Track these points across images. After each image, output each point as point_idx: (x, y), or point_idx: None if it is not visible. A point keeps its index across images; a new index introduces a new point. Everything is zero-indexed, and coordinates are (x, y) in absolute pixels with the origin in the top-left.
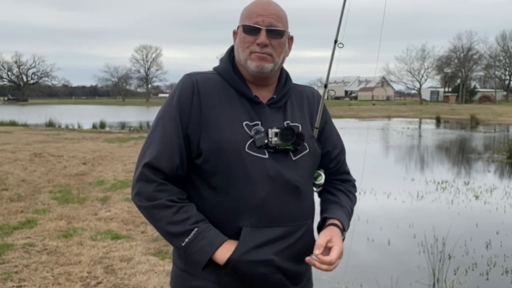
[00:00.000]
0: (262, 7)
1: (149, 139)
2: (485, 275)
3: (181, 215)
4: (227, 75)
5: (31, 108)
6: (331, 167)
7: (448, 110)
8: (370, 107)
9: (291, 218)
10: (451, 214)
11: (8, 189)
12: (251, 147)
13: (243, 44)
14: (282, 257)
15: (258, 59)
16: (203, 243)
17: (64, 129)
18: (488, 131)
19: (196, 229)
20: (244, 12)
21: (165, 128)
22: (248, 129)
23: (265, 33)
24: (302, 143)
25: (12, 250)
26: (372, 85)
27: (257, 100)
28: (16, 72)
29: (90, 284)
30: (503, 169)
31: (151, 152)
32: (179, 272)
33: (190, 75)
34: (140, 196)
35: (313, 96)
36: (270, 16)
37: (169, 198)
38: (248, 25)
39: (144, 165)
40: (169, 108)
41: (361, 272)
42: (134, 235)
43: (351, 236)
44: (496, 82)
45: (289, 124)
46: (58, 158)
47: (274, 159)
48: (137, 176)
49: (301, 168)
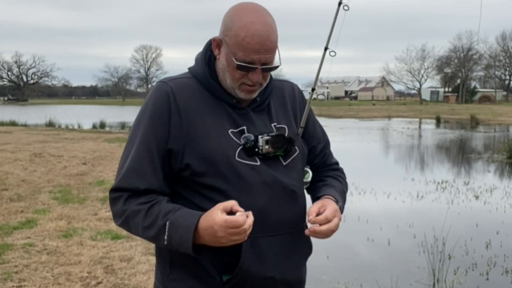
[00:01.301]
0: (259, 42)
1: (123, 157)
2: (485, 275)
3: (150, 215)
4: (204, 80)
5: (31, 108)
6: (317, 162)
7: (448, 110)
8: (370, 107)
9: (291, 224)
10: (451, 214)
11: (8, 189)
12: (241, 156)
13: (233, 73)
14: (284, 269)
15: (248, 92)
16: (180, 232)
17: (64, 129)
18: (488, 131)
19: (168, 221)
20: (238, 35)
21: (138, 145)
22: (235, 137)
23: (261, 71)
24: (293, 148)
25: (12, 250)
26: (372, 85)
27: (239, 106)
28: (16, 72)
29: (90, 284)
30: (503, 169)
31: (120, 173)
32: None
33: (164, 82)
34: (115, 218)
35: (293, 91)
36: (267, 52)
37: (137, 202)
38: (243, 65)
39: (110, 191)
40: (143, 122)
41: (361, 272)
42: (134, 235)
43: (351, 236)
44: (496, 82)
45: (275, 126)
46: (58, 158)
47: (267, 165)
48: (109, 201)
49: (293, 171)
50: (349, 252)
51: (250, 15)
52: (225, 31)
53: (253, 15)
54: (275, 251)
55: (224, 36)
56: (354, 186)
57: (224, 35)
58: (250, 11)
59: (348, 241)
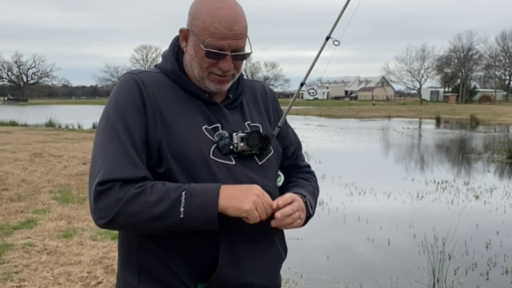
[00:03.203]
0: (228, 26)
1: (99, 151)
2: (485, 275)
3: (158, 192)
4: (174, 75)
5: (31, 108)
6: (288, 164)
7: (448, 110)
8: (370, 107)
9: (266, 226)
10: (451, 214)
11: (8, 189)
12: (215, 154)
13: (201, 62)
14: (262, 274)
15: (218, 82)
16: (201, 200)
17: (64, 129)
18: (488, 131)
19: (184, 192)
20: (205, 21)
21: (119, 135)
22: (209, 134)
23: (231, 58)
24: (269, 146)
25: (12, 250)
26: (372, 85)
27: (212, 101)
28: (16, 72)
29: (90, 284)
30: (503, 169)
31: (102, 166)
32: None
33: (132, 73)
34: (104, 212)
35: (264, 91)
36: (236, 37)
37: (135, 187)
38: (211, 51)
39: (97, 184)
40: (119, 112)
41: (361, 272)
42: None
43: (351, 236)
44: (496, 82)
45: (249, 124)
46: (58, 158)
47: (242, 164)
48: (92, 198)
49: (269, 172)
50: (349, 252)
51: (216, 2)
52: (192, 20)
53: (220, 2)
54: (252, 256)
55: (191, 26)
56: (354, 186)
57: (191, 25)
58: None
59: (348, 241)
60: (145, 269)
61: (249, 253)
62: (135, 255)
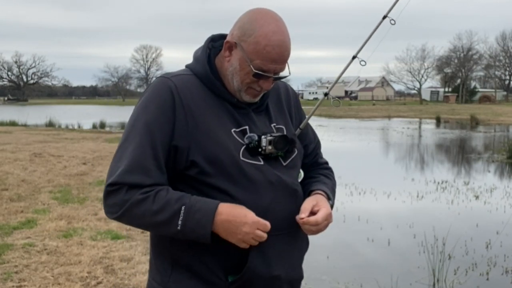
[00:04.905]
0: (279, 52)
1: (120, 151)
2: (485, 275)
3: (160, 201)
4: (206, 79)
5: (31, 108)
6: (307, 161)
7: (448, 110)
8: (370, 107)
9: (293, 222)
10: (451, 214)
11: (8, 189)
12: (245, 155)
13: (244, 78)
14: (288, 267)
15: (253, 96)
16: (199, 217)
17: (64, 129)
18: (488, 131)
19: (184, 206)
20: (258, 42)
21: (141, 139)
22: (238, 136)
23: (272, 80)
24: (294, 149)
25: (12, 250)
26: (372, 85)
27: (241, 105)
28: (16, 72)
29: (90, 284)
30: (503, 169)
31: (119, 166)
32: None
33: (166, 78)
34: (112, 208)
35: (287, 91)
36: (283, 63)
37: (140, 192)
38: (259, 73)
39: (108, 184)
40: (145, 116)
41: (361, 272)
42: (134, 235)
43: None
44: (496, 82)
45: (275, 126)
46: (58, 158)
47: (269, 164)
48: (103, 195)
49: (292, 171)
50: (349, 252)
51: (271, 24)
52: (243, 36)
53: (274, 24)
54: (279, 250)
55: (241, 41)
56: (354, 186)
57: (241, 40)
58: (271, 20)
59: (348, 241)
60: (178, 259)
61: (277, 247)
62: (167, 246)
